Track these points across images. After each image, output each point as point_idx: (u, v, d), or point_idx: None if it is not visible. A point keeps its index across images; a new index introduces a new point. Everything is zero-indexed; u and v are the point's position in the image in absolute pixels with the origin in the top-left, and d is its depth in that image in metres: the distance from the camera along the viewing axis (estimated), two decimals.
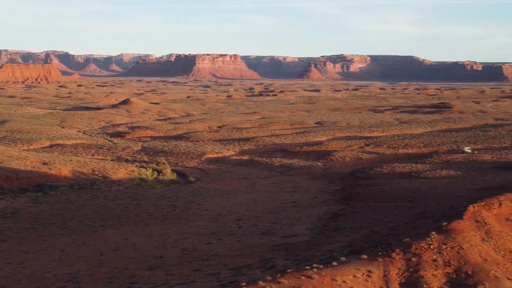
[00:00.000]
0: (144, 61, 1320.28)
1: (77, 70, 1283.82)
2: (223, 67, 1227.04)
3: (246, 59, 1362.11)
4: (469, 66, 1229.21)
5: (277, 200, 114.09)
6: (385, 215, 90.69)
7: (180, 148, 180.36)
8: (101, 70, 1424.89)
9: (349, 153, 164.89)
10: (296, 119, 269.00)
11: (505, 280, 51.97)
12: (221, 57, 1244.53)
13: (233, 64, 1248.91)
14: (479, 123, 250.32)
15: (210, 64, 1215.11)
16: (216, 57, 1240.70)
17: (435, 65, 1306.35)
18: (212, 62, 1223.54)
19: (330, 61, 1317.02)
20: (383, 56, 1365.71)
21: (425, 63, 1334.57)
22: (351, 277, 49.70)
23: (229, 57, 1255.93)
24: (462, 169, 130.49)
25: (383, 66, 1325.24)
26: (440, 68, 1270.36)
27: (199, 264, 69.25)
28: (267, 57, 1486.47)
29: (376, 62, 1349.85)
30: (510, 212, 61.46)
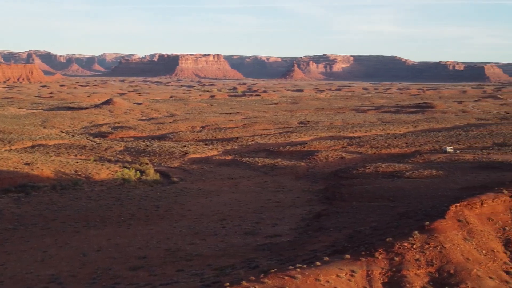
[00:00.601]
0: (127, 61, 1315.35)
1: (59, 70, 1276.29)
2: (206, 67, 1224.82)
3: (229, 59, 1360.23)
4: (451, 66, 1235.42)
5: (260, 200, 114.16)
6: (368, 215, 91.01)
7: (163, 148, 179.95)
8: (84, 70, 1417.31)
9: (332, 153, 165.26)
10: (280, 119, 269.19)
11: (487, 279, 52.32)
12: (204, 57, 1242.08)
13: (216, 64, 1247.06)
14: (461, 123, 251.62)
15: (193, 64, 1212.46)
16: (199, 57, 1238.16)
17: (418, 65, 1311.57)
18: (195, 62, 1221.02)
19: (313, 61, 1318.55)
20: (366, 56, 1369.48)
21: (408, 63, 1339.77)
22: (334, 277, 49.82)
23: (212, 57, 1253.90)
24: (444, 168, 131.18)
25: (366, 66, 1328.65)
26: (423, 68, 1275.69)
27: (183, 265, 69.16)
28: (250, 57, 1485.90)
29: (359, 62, 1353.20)
30: (491, 212, 61.87)
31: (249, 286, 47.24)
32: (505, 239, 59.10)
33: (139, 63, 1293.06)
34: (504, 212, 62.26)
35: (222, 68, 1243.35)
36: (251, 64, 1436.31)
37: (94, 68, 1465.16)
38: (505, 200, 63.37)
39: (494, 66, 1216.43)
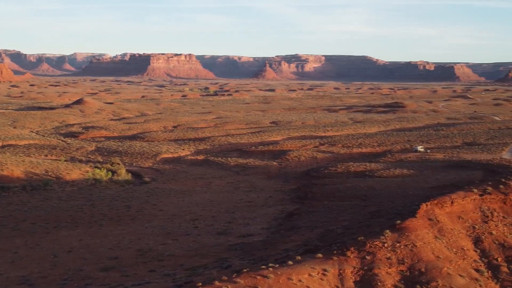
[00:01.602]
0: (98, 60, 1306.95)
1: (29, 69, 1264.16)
2: (178, 66, 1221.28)
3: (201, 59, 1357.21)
4: (421, 66, 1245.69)
5: (232, 199, 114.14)
6: (340, 214, 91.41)
7: (135, 148, 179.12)
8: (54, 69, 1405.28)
9: (304, 152, 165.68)
10: (251, 119, 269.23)
11: (457, 277, 52.85)
12: (176, 57, 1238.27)
13: (188, 63, 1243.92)
14: (431, 122, 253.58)
15: (165, 64, 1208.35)
16: (171, 56, 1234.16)
17: (389, 65, 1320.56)
18: (167, 61, 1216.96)
19: (285, 61, 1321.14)
20: (338, 56, 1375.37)
21: (379, 63, 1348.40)
22: (306, 276, 49.98)
23: (184, 56, 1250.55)
24: (415, 168, 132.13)
25: (338, 66, 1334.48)
26: (393, 68, 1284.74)
27: (155, 265, 68.92)
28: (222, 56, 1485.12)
29: (330, 62, 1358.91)
30: (462, 210, 62.52)
31: (222, 286, 47.22)
32: (475, 237, 59.75)
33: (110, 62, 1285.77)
34: (474, 211, 62.96)
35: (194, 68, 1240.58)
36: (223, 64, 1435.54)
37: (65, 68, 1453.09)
38: (475, 199, 64.10)
39: (464, 66, 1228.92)
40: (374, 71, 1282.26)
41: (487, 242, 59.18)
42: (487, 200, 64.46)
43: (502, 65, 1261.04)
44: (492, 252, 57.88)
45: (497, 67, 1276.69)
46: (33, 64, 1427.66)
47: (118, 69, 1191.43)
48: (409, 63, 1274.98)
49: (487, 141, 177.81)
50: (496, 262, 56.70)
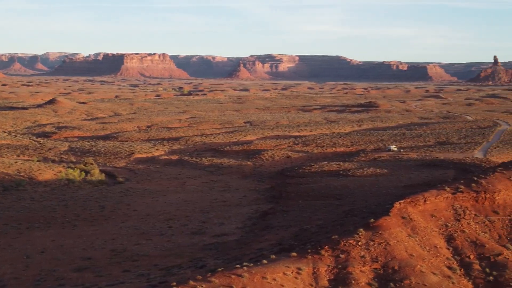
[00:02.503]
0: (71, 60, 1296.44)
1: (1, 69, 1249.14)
2: (152, 66, 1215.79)
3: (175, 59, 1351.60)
4: (395, 66, 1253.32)
5: (207, 199, 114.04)
6: (314, 213, 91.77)
7: (109, 148, 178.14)
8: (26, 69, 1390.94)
9: (278, 152, 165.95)
10: (226, 119, 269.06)
11: (430, 275, 53.33)
12: (149, 56, 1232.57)
13: (162, 63, 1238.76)
14: (404, 122, 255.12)
15: (138, 64, 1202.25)
16: (145, 56, 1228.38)
17: (362, 65, 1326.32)
18: (141, 61, 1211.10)
19: (259, 60, 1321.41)
20: (311, 56, 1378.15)
21: (352, 63, 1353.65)
22: (281, 275, 50.14)
23: (157, 56, 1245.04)
24: (388, 167, 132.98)
25: (311, 65, 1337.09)
26: (367, 68, 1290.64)
27: (129, 265, 68.71)
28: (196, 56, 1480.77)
29: (304, 62, 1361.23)
30: (434, 208, 63.08)
31: (196, 285, 47.23)
32: (447, 235, 60.33)
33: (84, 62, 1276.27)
34: (446, 209, 63.56)
35: (167, 68, 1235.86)
36: (197, 64, 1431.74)
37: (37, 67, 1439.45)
38: (447, 197, 64.71)
39: (436, 66, 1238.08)
40: (347, 71, 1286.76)
41: (459, 240, 59.78)
42: (459, 199, 65.11)
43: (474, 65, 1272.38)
44: (465, 249, 58.49)
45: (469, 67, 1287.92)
46: (5, 64, 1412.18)
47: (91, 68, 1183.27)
48: (382, 63, 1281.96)
49: (460, 140, 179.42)
50: (469, 259, 57.31)
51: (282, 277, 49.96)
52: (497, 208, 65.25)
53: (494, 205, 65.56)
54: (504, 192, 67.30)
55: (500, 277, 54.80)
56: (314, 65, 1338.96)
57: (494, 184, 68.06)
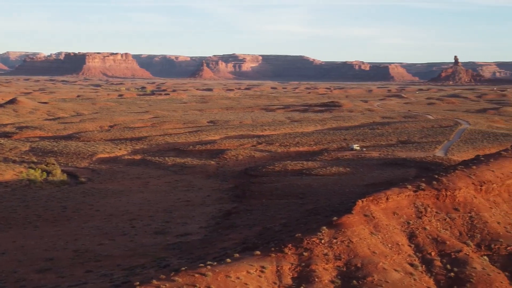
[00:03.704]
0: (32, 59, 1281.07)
1: None
2: (114, 66, 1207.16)
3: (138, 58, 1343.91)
4: (357, 66, 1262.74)
5: (170, 199, 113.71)
6: (278, 211, 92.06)
7: (70, 148, 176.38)
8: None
9: (242, 151, 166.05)
10: (189, 118, 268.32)
11: (393, 272, 53.86)
12: (112, 56, 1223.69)
13: (124, 63, 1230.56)
14: (367, 121, 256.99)
15: (100, 63, 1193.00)
16: (107, 55, 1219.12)
17: (325, 65, 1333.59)
18: (103, 60, 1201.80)
19: (223, 60, 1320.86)
20: (275, 56, 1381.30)
21: (315, 63, 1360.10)
22: (244, 273, 50.21)
23: (120, 55, 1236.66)
24: (351, 166, 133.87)
25: (275, 65, 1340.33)
26: (330, 68, 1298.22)
27: (92, 265, 68.23)
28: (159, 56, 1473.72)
29: (267, 61, 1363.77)
30: (396, 206, 63.69)
31: (160, 285, 47.07)
32: (409, 233, 60.97)
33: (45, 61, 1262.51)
34: (408, 207, 64.21)
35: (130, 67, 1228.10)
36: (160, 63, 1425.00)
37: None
38: (409, 195, 65.38)
39: (398, 66, 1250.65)
40: (310, 71, 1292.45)
41: (421, 237, 60.46)
42: (421, 196, 65.83)
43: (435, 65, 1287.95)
44: (426, 246, 59.16)
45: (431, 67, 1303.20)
46: None
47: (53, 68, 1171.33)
48: (345, 63, 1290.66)
49: (421, 139, 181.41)
50: (430, 256, 57.99)
51: (246, 276, 50.03)
52: (458, 206, 66.12)
53: (454, 202, 66.43)
54: (465, 189, 68.24)
55: (460, 274, 55.55)
56: (277, 65, 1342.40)
57: (454, 182, 68.95)
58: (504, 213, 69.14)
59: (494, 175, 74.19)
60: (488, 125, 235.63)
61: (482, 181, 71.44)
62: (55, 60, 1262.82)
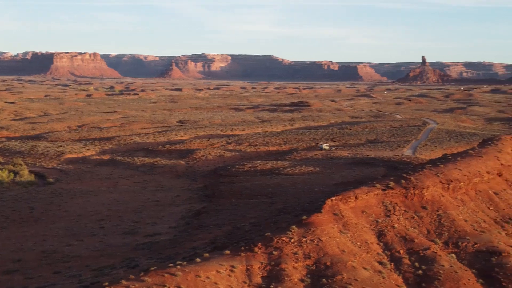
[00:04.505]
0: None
1: None
2: (83, 65, 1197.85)
3: (106, 58, 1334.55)
4: (326, 66, 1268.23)
5: (139, 199, 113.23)
6: (248, 211, 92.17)
7: (38, 148, 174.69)
8: None
9: (211, 151, 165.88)
10: (158, 118, 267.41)
11: (362, 270, 54.21)
12: (80, 55, 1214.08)
13: (92, 62, 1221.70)
14: (336, 121, 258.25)
15: (68, 63, 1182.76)
16: (75, 55, 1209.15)
17: (294, 65, 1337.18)
18: (71, 60, 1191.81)
19: (192, 60, 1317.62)
20: (244, 56, 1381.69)
21: (284, 62, 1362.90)
22: (214, 273, 50.18)
23: (88, 55, 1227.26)
24: (320, 165, 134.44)
25: (244, 65, 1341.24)
26: (299, 67, 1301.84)
27: (60, 266, 67.71)
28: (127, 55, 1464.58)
29: (237, 61, 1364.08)
30: (365, 205, 64.13)
31: (129, 285, 46.86)
32: (378, 231, 61.42)
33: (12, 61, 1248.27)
34: (377, 205, 64.69)
35: (98, 67, 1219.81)
36: (129, 63, 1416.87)
37: None
38: (378, 194, 65.88)
39: (366, 66, 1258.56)
40: (280, 70, 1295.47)
41: (389, 235, 60.94)
42: (389, 195, 66.36)
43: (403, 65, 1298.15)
44: (395, 245, 59.64)
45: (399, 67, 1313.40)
46: None
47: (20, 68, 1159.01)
48: (314, 62, 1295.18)
49: (389, 138, 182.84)
50: (398, 254, 58.48)
51: (216, 275, 50.02)
52: (426, 204, 66.78)
53: (422, 201, 67.08)
54: (432, 188, 68.93)
55: (428, 271, 56.09)
56: (246, 64, 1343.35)
57: (422, 181, 69.62)
58: (471, 211, 70.01)
59: (461, 173, 75.09)
60: (455, 124, 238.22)
61: (450, 179, 72.26)
62: (22, 60, 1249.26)
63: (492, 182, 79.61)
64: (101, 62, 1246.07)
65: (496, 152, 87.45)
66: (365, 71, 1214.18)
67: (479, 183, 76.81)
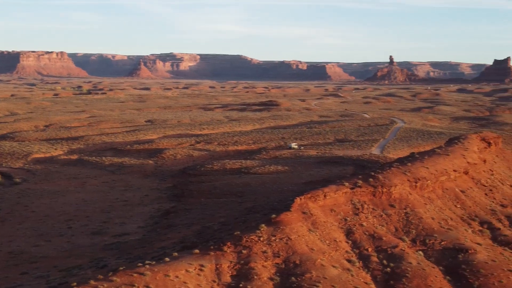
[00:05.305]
0: None
1: None
2: (50, 64, 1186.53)
3: (74, 57, 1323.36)
4: (294, 65, 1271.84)
5: (108, 199, 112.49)
6: (217, 210, 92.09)
7: (4, 148, 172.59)
8: None
9: (180, 150, 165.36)
10: (127, 118, 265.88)
11: (330, 268, 54.48)
12: (47, 54, 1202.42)
13: (60, 61, 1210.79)
14: (305, 120, 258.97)
15: (35, 62, 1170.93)
16: (42, 54, 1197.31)
17: (263, 64, 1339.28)
18: (38, 59, 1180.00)
19: (160, 59, 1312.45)
20: (213, 55, 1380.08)
21: (253, 62, 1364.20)
22: (183, 272, 50.09)
23: (55, 54, 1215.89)
24: (289, 164, 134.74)
25: (213, 65, 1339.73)
26: (268, 67, 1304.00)
27: (27, 267, 67.05)
28: (95, 55, 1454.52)
29: (205, 61, 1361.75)
30: (334, 203, 64.46)
31: (97, 285, 46.61)
32: (346, 229, 61.79)
33: None
34: (345, 204, 65.07)
35: (66, 66, 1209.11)
36: (97, 62, 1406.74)
37: None
38: (346, 192, 66.26)
39: (335, 65, 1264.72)
40: (248, 70, 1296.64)
41: (358, 233, 61.35)
42: (357, 193, 66.80)
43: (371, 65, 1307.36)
44: (363, 243, 60.06)
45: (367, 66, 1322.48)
46: None
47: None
48: (282, 62, 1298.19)
49: (358, 137, 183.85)
50: (367, 252, 58.89)
51: (185, 274, 49.92)
52: (394, 202, 67.35)
53: (390, 199, 67.65)
54: (400, 186, 69.56)
55: (396, 269, 56.56)
56: (215, 64, 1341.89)
57: (390, 179, 70.20)
58: (438, 209, 70.76)
59: (429, 172, 75.88)
60: (422, 123, 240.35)
61: (417, 178, 72.97)
62: None
63: (459, 180, 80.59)
64: (69, 61, 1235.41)
65: (462, 151, 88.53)
66: (333, 71, 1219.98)
67: (446, 181, 77.70)
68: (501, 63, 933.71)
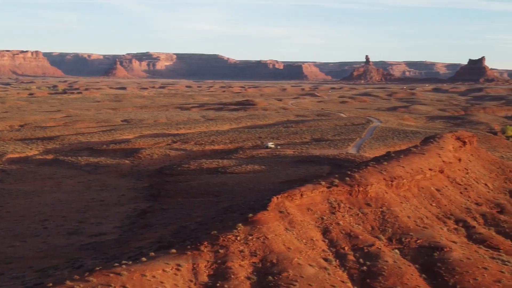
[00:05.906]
0: None
1: None
2: (24, 64, 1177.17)
3: (49, 56, 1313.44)
4: (271, 65, 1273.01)
5: (84, 199, 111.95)
6: (194, 210, 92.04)
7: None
8: None
9: (156, 150, 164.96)
10: (103, 117, 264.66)
11: (307, 267, 54.66)
12: (22, 54, 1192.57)
13: (35, 61, 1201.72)
14: (281, 119, 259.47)
15: (10, 61, 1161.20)
16: (17, 53, 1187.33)
17: (240, 64, 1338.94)
18: (12, 58, 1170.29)
19: (136, 58, 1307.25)
20: (189, 55, 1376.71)
21: (230, 61, 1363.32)
22: (160, 272, 50.01)
23: (30, 53, 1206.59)
24: (266, 163, 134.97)
25: (189, 64, 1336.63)
26: (244, 66, 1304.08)
27: (2, 268, 66.56)
28: (71, 54, 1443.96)
29: (182, 60, 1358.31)
30: (311, 202, 64.70)
31: (73, 285, 46.38)
32: (323, 228, 62.03)
33: None
34: (322, 202, 65.34)
35: (41, 65, 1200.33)
36: (72, 62, 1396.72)
37: None
38: (323, 191, 66.53)
39: (311, 65, 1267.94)
40: (225, 69, 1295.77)
41: (334, 232, 61.61)
42: (334, 192, 67.09)
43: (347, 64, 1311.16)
44: (340, 241, 60.33)
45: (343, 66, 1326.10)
46: None
47: None
48: (259, 62, 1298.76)
49: (334, 137, 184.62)
50: (343, 251, 59.16)
51: (162, 274, 49.84)
52: (370, 201, 67.73)
53: (367, 197, 68.03)
54: (376, 185, 69.98)
55: (373, 267, 56.88)
56: (192, 63, 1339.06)
57: (366, 178, 70.61)
58: (414, 208, 71.31)
59: (404, 170, 76.45)
60: (398, 122, 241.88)
61: (393, 176, 73.48)
62: None
63: (434, 179, 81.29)
64: (44, 61, 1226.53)
65: (438, 150, 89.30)
66: (309, 70, 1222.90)
67: (422, 180, 78.32)
68: (475, 62, 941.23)
